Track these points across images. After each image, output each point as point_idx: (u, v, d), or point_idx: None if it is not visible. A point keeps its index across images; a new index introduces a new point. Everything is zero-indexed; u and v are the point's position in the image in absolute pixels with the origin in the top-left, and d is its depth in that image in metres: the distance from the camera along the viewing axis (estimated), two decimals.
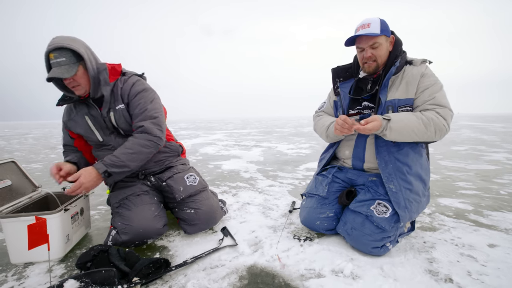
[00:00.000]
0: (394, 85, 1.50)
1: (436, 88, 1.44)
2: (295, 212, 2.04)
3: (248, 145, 7.26)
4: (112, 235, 1.51)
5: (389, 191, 1.46)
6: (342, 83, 1.72)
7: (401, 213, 1.42)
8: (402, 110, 1.47)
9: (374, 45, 1.50)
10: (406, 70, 1.50)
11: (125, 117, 1.62)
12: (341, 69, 1.74)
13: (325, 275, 1.25)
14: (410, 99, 1.46)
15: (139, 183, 1.71)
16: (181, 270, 1.32)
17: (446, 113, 1.40)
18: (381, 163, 1.50)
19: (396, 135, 1.40)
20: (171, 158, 1.85)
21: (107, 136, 1.64)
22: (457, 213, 2.02)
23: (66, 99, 1.61)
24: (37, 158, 5.28)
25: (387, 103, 1.49)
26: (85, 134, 1.65)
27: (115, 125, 1.61)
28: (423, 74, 1.46)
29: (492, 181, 2.97)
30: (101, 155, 1.65)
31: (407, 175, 1.47)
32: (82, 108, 1.62)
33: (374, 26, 1.46)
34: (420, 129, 1.38)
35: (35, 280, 1.27)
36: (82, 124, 1.63)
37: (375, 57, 1.52)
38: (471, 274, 1.25)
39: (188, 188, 1.71)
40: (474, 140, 7.09)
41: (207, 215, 1.70)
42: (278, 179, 3.23)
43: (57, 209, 1.41)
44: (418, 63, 1.50)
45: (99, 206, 2.30)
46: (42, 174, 3.81)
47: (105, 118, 1.60)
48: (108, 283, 1.12)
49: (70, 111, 1.68)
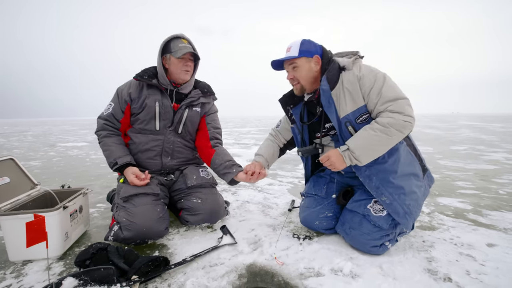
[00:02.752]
0: (340, 99, 1.43)
1: (378, 84, 1.37)
2: (295, 211, 2.04)
3: (247, 143, 7.26)
4: (114, 230, 1.51)
5: (383, 204, 1.43)
6: (294, 109, 1.69)
7: (402, 221, 1.40)
8: (360, 120, 1.41)
9: (294, 67, 1.51)
10: (344, 79, 1.44)
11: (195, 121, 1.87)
12: (288, 97, 1.70)
13: (324, 274, 1.25)
14: (362, 107, 1.40)
15: (155, 182, 1.72)
16: (180, 268, 1.31)
17: (401, 105, 1.33)
18: (364, 180, 1.46)
19: (366, 157, 1.36)
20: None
21: (165, 128, 1.78)
22: (456, 213, 2.02)
23: (145, 78, 1.74)
24: (36, 155, 5.27)
25: (342, 120, 1.44)
26: (145, 117, 1.74)
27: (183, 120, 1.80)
28: (359, 77, 1.41)
29: (491, 180, 2.97)
30: (142, 140, 1.77)
31: (395, 180, 1.41)
32: (155, 93, 1.76)
33: (293, 49, 1.48)
34: (382, 140, 1.32)
35: (34, 277, 1.27)
36: (149, 106, 1.73)
37: (297, 79, 1.52)
38: (470, 274, 1.25)
39: (200, 178, 1.82)
40: (473, 140, 7.11)
41: (212, 207, 1.73)
42: (278, 178, 3.23)
43: (56, 207, 1.41)
44: (350, 66, 1.45)
45: (98, 204, 2.29)
46: (41, 171, 3.80)
47: (176, 111, 1.78)
48: (107, 281, 1.12)
49: (141, 89, 1.77)
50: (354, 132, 1.42)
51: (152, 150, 1.77)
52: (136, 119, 1.77)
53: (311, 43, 1.49)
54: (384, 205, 1.42)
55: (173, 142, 1.81)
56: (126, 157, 1.70)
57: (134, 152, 1.79)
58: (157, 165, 1.80)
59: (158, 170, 1.82)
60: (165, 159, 1.80)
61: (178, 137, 1.83)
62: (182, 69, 1.72)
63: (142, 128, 1.77)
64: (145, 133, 1.78)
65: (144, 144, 1.76)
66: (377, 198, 1.44)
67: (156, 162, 1.79)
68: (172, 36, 1.72)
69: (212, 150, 1.85)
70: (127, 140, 1.83)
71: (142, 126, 1.76)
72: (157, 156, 1.79)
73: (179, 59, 1.70)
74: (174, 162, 1.84)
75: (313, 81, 1.53)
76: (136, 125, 1.78)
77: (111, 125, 1.77)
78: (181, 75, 1.74)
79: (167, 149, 1.79)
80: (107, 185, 2.96)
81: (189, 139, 1.91)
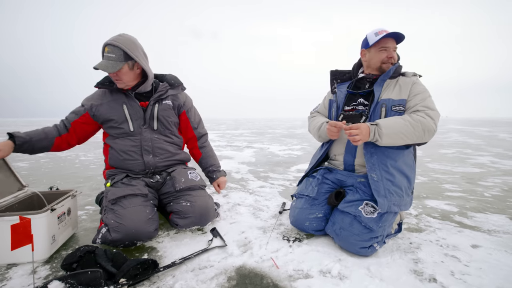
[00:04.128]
0: (389, 87, 1.62)
1: (426, 94, 1.57)
2: (285, 213, 2.06)
3: (240, 146, 7.26)
4: (102, 232, 1.49)
5: (370, 180, 1.51)
6: (339, 84, 1.82)
7: (379, 200, 1.45)
8: (395, 109, 1.56)
9: (395, 49, 1.66)
10: (400, 79, 1.65)
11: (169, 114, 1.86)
12: (339, 72, 1.86)
13: (313, 276, 1.27)
14: (403, 99, 1.57)
15: (142, 184, 1.72)
16: (169, 271, 1.31)
17: (435, 115, 1.51)
18: (366, 153, 1.57)
19: (387, 139, 1.46)
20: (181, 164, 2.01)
21: (139, 127, 1.77)
22: (443, 215, 2.06)
23: (106, 84, 1.76)
24: (23, 156, 5.15)
25: (381, 101, 1.58)
26: (117, 121, 1.74)
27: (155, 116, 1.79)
28: (414, 82, 1.61)
29: (477, 183, 3.05)
30: (120, 144, 1.76)
31: (390, 167, 1.53)
32: (120, 96, 1.75)
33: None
34: (408, 131, 1.45)
35: (18, 281, 1.24)
36: (117, 111, 1.73)
37: (394, 59, 1.66)
38: (454, 274, 1.28)
39: (189, 181, 1.81)
40: (461, 144, 7.26)
41: (202, 209, 1.72)
42: (269, 180, 3.24)
43: (43, 209, 1.38)
44: (410, 75, 1.65)
45: (86, 206, 2.26)
46: (28, 173, 3.73)
47: (145, 109, 1.77)
48: (94, 284, 1.11)
49: (103, 96, 1.78)
50: (384, 115, 1.57)
51: (132, 151, 1.76)
52: (109, 127, 1.76)
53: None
54: (370, 181, 1.51)
55: (151, 140, 1.79)
56: (19, 133, 1.57)
57: (115, 156, 1.77)
58: (140, 165, 1.78)
59: (142, 171, 1.80)
60: (146, 158, 1.78)
61: (155, 134, 1.81)
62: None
63: (118, 133, 1.76)
64: (122, 137, 1.76)
65: (122, 146, 1.75)
66: (368, 173, 1.53)
67: (138, 162, 1.77)
68: (103, 45, 1.65)
69: (199, 152, 2.05)
70: (107, 147, 1.82)
71: (117, 131, 1.75)
72: (138, 156, 1.77)
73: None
74: (158, 160, 1.81)
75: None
76: (111, 131, 1.77)
77: (60, 124, 1.75)
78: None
79: (146, 147, 1.77)
80: (96, 187, 2.92)
81: (169, 134, 1.89)
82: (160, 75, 1.94)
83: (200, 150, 2.05)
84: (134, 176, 1.76)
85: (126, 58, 1.63)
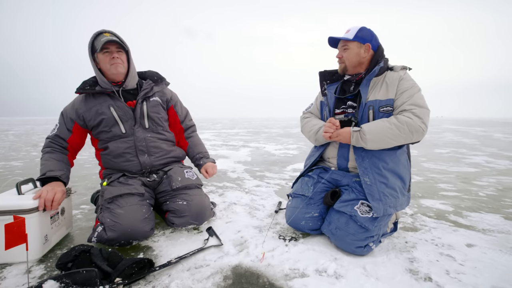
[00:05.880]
0: (376, 87, 1.59)
1: (414, 90, 1.53)
2: (281, 212, 2.06)
3: (236, 145, 7.25)
4: (98, 231, 1.48)
5: (363, 184, 1.50)
6: (328, 85, 1.81)
7: (374, 204, 1.45)
8: (383, 110, 1.54)
9: (345, 48, 1.65)
10: (387, 75, 1.60)
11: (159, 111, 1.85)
12: (328, 73, 1.85)
13: (309, 275, 1.27)
14: (391, 99, 1.54)
15: (138, 183, 1.71)
16: (165, 270, 1.30)
17: (423, 113, 1.47)
18: (358, 157, 1.57)
19: (372, 143, 1.47)
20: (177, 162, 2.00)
21: (131, 128, 1.74)
22: (438, 214, 2.08)
23: (86, 89, 1.69)
24: (17, 155, 5.10)
25: (368, 103, 1.57)
26: (106, 126, 1.70)
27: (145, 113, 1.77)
28: (401, 78, 1.56)
29: (472, 183, 3.07)
30: (113, 147, 1.72)
31: (383, 170, 1.52)
32: (105, 99, 1.70)
33: (351, 32, 1.63)
34: (394, 134, 1.44)
35: (13, 281, 1.23)
36: (105, 114, 1.68)
37: (344, 59, 1.67)
38: (449, 273, 1.29)
39: (185, 180, 1.79)
40: (456, 143, 7.32)
41: (198, 208, 1.71)
42: (265, 180, 3.24)
43: (35, 208, 1.37)
44: (398, 69, 1.61)
45: (82, 206, 2.24)
46: (22, 172, 3.69)
47: (133, 108, 1.74)
48: (90, 283, 1.10)
49: (86, 101, 1.71)
50: (372, 117, 1.55)
51: (127, 153, 1.73)
52: (99, 132, 1.72)
53: (369, 32, 1.63)
54: (364, 185, 1.50)
55: (145, 139, 1.77)
56: (57, 172, 1.57)
57: (110, 159, 1.74)
58: (136, 165, 1.76)
59: (139, 171, 1.78)
60: (142, 158, 1.76)
61: (148, 133, 1.79)
62: (109, 62, 1.63)
63: (109, 136, 1.72)
64: (115, 140, 1.72)
65: (116, 149, 1.71)
66: (361, 178, 1.52)
67: (134, 163, 1.75)
68: (95, 33, 1.64)
69: (185, 143, 2.07)
70: (99, 152, 1.78)
71: (108, 135, 1.71)
72: (133, 157, 1.75)
73: (104, 53, 1.63)
74: (153, 159, 1.80)
75: (357, 65, 1.67)
76: (101, 136, 1.73)
77: (57, 144, 1.70)
78: (111, 69, 1.64)
79: (141, 147, 1.75)
80: (91, 186, 2.90)
81: (161, 131, 1.87)
82: (140, 73, 1.92)
83: (187, 140, 2.06)
84: (130, 176, 1.75)
85: (124, 48, 1.68)
